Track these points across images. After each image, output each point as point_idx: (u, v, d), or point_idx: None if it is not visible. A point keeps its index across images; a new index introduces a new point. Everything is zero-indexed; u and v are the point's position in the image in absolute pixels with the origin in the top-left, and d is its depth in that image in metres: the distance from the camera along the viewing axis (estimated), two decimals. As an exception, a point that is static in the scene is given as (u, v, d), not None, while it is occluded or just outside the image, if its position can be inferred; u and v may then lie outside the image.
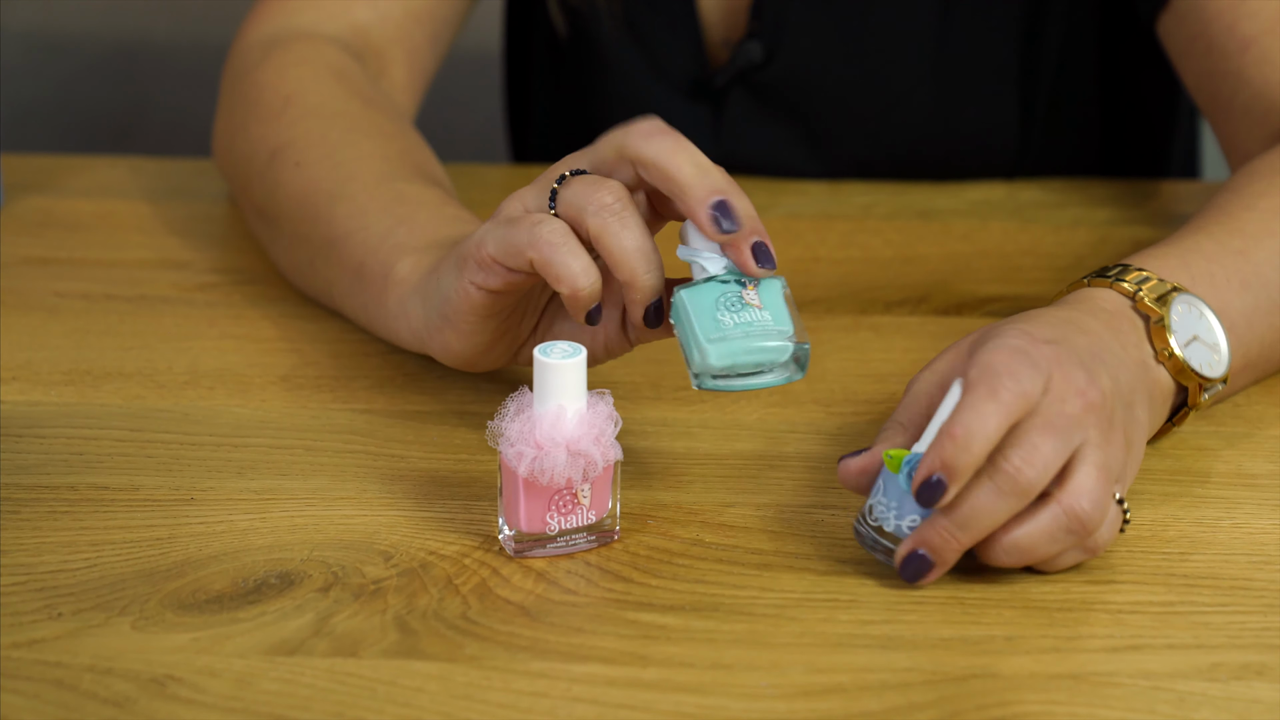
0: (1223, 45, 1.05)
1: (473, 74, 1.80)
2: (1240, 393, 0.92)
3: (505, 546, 0.79)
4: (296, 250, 1.01)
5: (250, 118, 1.07)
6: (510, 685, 0.71)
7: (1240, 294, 0.89)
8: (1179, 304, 0.85)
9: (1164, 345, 0.84)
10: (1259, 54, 1.04)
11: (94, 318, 1.01)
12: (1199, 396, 0.85)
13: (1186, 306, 0.85)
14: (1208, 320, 0.86)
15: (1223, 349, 0.86)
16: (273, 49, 1.11)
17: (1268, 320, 0.90)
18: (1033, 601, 0.76)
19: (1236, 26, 1.05)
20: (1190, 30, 1.08)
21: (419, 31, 1.16)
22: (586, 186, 0.81)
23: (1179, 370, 0.84)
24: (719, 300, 0.79)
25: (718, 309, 0.79)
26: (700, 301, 0.79)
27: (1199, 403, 0.86)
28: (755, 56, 1.20)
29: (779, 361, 0.79)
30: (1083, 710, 0.70)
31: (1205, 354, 0.85)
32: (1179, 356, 0.84)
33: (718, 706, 0.70)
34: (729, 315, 0.79)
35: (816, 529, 0.81)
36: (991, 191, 1.21)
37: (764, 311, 0.79)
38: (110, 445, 0.88)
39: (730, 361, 0.78)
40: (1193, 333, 0.85)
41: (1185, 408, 0.86)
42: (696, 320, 0.79)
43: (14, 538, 0.80)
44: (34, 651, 0.73)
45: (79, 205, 1.17)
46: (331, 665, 0.72)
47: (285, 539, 0.80)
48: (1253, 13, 1.04)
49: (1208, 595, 0.77)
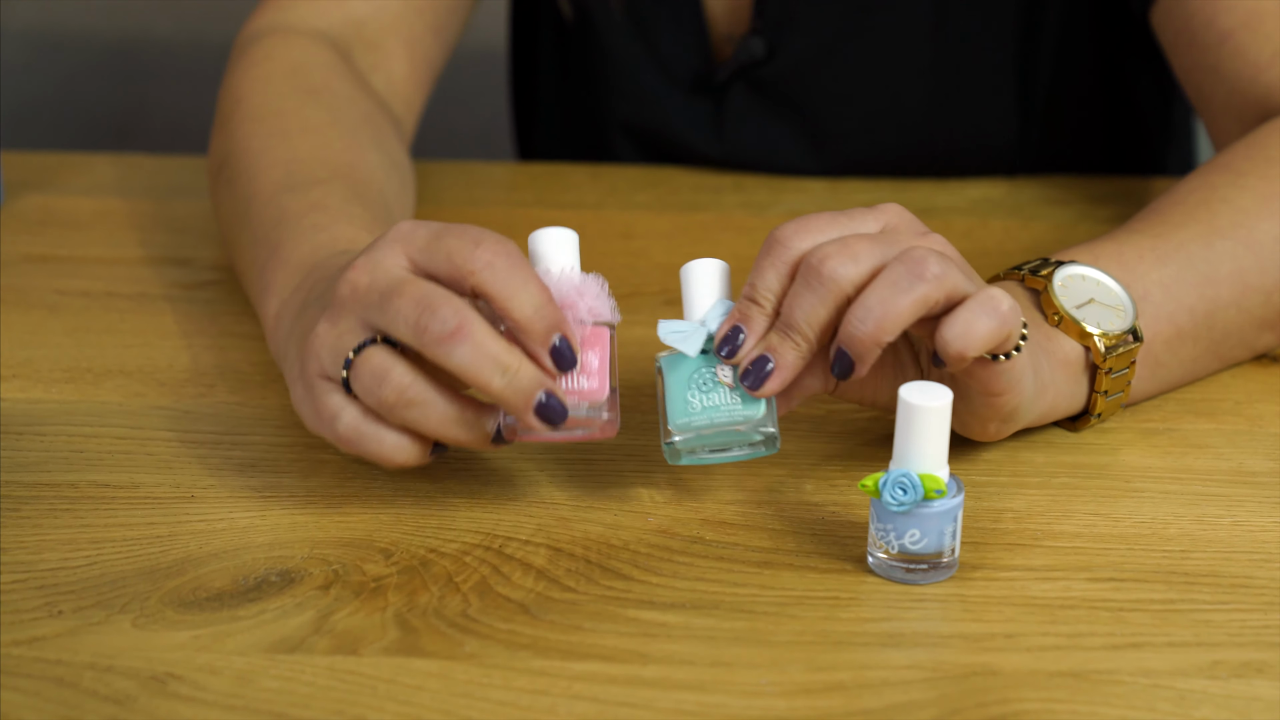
0: (1203, 39, 1.06)
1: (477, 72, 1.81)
2: (1239, 391, 0.93)
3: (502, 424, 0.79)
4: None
5: (215, 123, 1.09)
6: (510, 683, 0.71)
7: (1156, 267, 0.90)
8: (1060, 274, 0.87)
9: (1052, 309, 0.86)
10: (1234, 48, 1.04)
11: (94, 315, 1.01)
12: (1101, 356, 0.86)
13: (1070, 273, 0.87)
14: (1101, 282, 0.88)
15: (1126, 303, 0.87)
16: (250, 45, 1.11)
17: (1198, 291, 0.90)
18: (1033, 599, 0.76)
19: (1215, 20, 1.05)
20: (1176, 24, 1.08)
21: (419, 22, 1.16)
22: (371, 381, 0.78)
23: (1076, 332, 0.86)
24: (691, 378, 0.80)
25: (689, 388, 0.80)
26: (675, 377, 0.80)
27: (1105, 361, 0.86)
28: (757, 52, 1.20)
29: (746, 443, 0.80)
30: (1083, 708, 0.70)
31: (1105, 314, 0.87)
32: (1070, 316, 0.85)
33: (718, 704, 0.70)
34: (699, 396, 0.80)
35: (817, 527, 0.81)
36: (992, 189, 1.21)
37: (734, 393, 0.80)
38: (111, 443, 0.88)
39: (693, 445, 0.80)
40: (1088, 296, 0.87)
41: (1097, 370, 0.87)
42: (668, 398, 0.80)
43: (14, 535, 0.80)
44: (34, 649, 0.73)
45: (79, 203, 1.17)
46: (332, 663, 0.72)
47: (286, 537, 0.80)
48: (1229, 7, 1.04)
49: (1208, 593, 0.77)
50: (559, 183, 1.21)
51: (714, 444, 0.80)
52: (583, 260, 0.81)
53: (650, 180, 1.22)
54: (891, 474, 0.76)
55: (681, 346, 0.79)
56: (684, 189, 1.21)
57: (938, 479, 0.76)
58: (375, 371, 0.77)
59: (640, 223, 1.15)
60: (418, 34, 1.16)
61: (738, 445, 0.80)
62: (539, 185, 1.24)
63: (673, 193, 1.20)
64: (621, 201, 1.18)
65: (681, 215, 1.17)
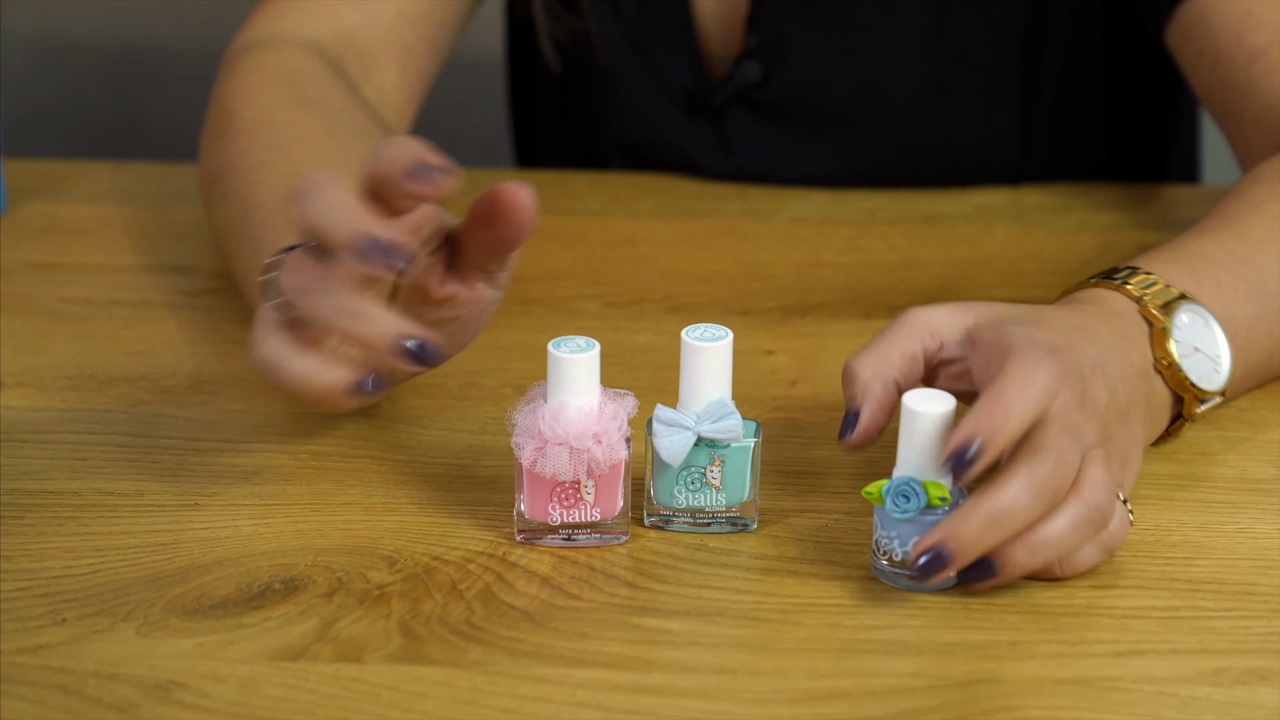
0: (1231, 57, 1.05)
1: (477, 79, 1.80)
2: (1241, 397, 0.92)
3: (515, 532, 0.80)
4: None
5: (206, 136, 1.08)
6: (514, 690, 0.71)
7: (1244, 302, 0.88)
8: (1183, 313, 0.85)
9: (1164, 354, 0.84)
10: (1267, 65, 1.04)
11: (97, 323, 1.01)
12: (1194, 408, 0.85)
13: (1191, 316, 0.85)
14: (1213, 331, 0.86)
15: (1224, 363, 0.86)
16: (240, 57, 1.11)
17: (1268, 330, 0.90)
18: (1037, 606, 0.76)
19: (1244, 39, 1.05)
20: (1198, 43, 1.08)
21: (411, 33, 1.16)
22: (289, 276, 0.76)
23: (1177, 382, 0.84)
24: (680, 476, 0.80)
25: (677, 483, 0.81)
26: (664, 470, 0.80)
27: (1194, 415, 0.86)
28: (753, 76, 1.20)
29: (726, 522, 0.82)
30: (1087, 715, 0.70)
31: (1205, 366, 0.85)
32: (1178, 367, 0.84)
33: (722, 712, 0.70)
34: (685, 494, 0.81)
35: (820, 534, 0.81)
36: (995, 196, 1.21)
37: (721, 494, 0.81)
38: (114, 450, 0.88)
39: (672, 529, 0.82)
40: (1195, 344, 0.85)
41: (1181, 419, 0.86)
42: (655, 484, 0.81)
43: (18, 543, 0.80)
44: (38, 657, 0.73)
45: (82, 210, 1.17)
46: (335, 670, 0.72)
47: (289, 544, 0.80)
48: (1260, 25, 1.04)
49: (1212, 600, 0.77)
50: (562, 190, 1.21)
51: (695, 522, 0.82)
52: (586, 265, 0.81)
53: (653, 188, 1.22)
54: (895, 481, 0.76)
55: (666, 457, 0.79)
56: (687, 196, 1.21)
57: (941, 486, 0.76)
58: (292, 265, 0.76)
59: (643, 230, 1.15)
60: (410, 45, 1.16)
61: (718, 524, 0.82)
62: (542, 193, 1.22)
63: (675, 200, 1.20)
64: (624, 209, 1.19)
65: (684, 223, 1.17)
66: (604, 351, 0.79)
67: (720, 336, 0.79)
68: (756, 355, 0.98)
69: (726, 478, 0.80)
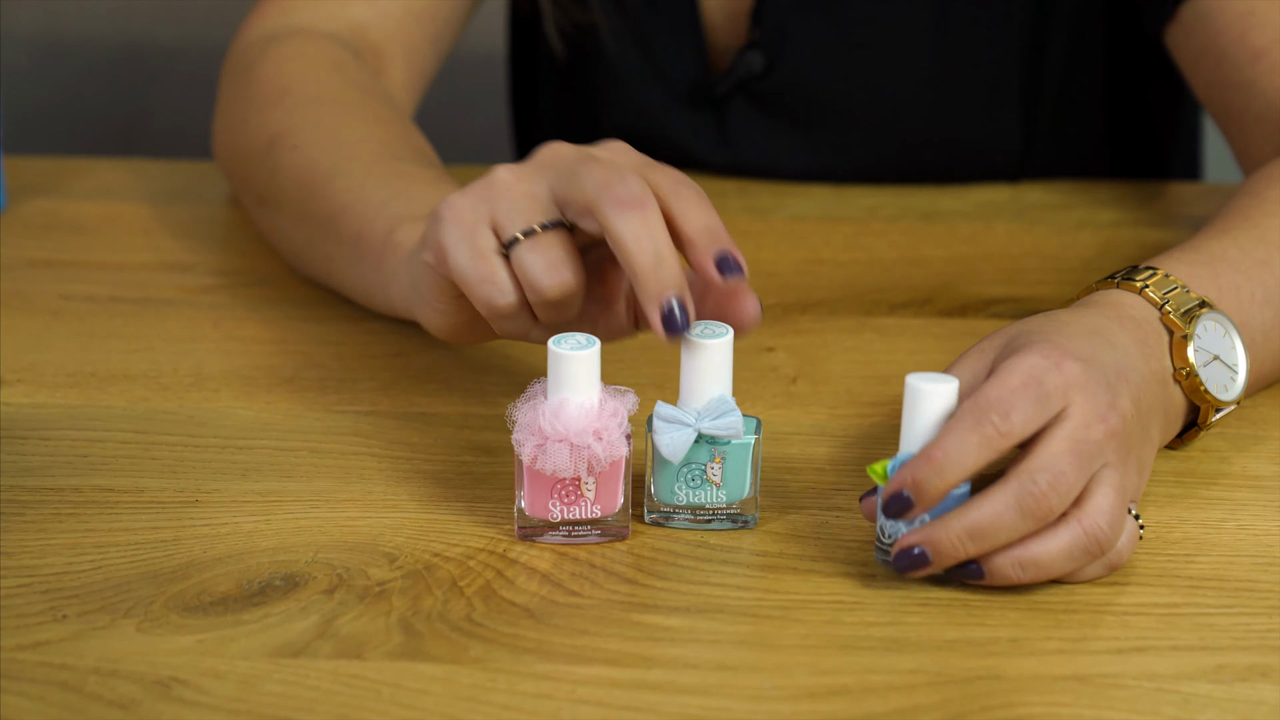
0: (1233, 56, 1.05)
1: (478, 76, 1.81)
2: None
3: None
4: (297, 230, 1.02)
5: (249, 109, 1.08)
6: (515, 687, 0.71)
7: (1261, 309, 0.88)
8: (1205, 321, 0.84)
9: (1184, 364, 0.83)
10: (1270, 64, 1.04)
11: (98, 320, 1.01)
12: (1210, 417, 0.85)
13: (1212, 324, 0.85)
14: (1232, 340, 0.86)
15: (1241, 373, 0.86)
16: (270, 45, 1.11)
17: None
18: (1038, 603, 0.76)
19: (1246, 38, 1.05)
20: (1200, 42, 1.08)
21: (418, 31, 1.16)
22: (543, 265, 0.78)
23: (1194, 390, 0.84)
24: (680, 473, 0.80)
25: (678, 480, 0.80)
26: (664, 467, 0.80)
27: (1209, 423, 0.86)
28: (756, 67, 1.20)
29: (727, 519, 0.82)
30: (1088, 712, 0.70)
31: (1223, 376, 0.85)
32: (1197, 378, 0.84)
33: (722, 708, 0.70)
34: (686, 490, 0.81)
35: (821, 531, 0.81)
36: (996, 193, 1.21)
37: (721, 491, 0.81)
38: (115, 447, 0.88)
39: (673, 526, 0.82)
40: (1214, 353, 0.85)
41: (1195, 427, 0.86)
42: (656, 480, 0.81)
43: (19, 540, 0.80)
44: (38, 654, 0.73)
45: (83, 208, 1.17)
46: (336, 667, 0.72)
47: (290, 541, 0.80)
48: (1262, 24, 1.04)
49: (1213, 597, 0.77)
50: (563, 187, 1.21)
51: (695, 518, 0.81)
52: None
53: (654, 184, 1.22)
54: (900, 459, 0.76)
55: (667, 454, 0.79)
56: (687, 193, 1.21)
57: None
58: (550, 259, 0.78)
59: (644, 227, 1.15)
60: (416, 43, 1.16)
61: (718, 520, 0.81)
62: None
63: (676, 197, 1.20)
64: (625, 206, 1.18)
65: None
66: (604, 348, 0.79)
67: (721, 333, 0.79)
68: (757, 352, 0.98)
69: (727, 474, 0.80)
